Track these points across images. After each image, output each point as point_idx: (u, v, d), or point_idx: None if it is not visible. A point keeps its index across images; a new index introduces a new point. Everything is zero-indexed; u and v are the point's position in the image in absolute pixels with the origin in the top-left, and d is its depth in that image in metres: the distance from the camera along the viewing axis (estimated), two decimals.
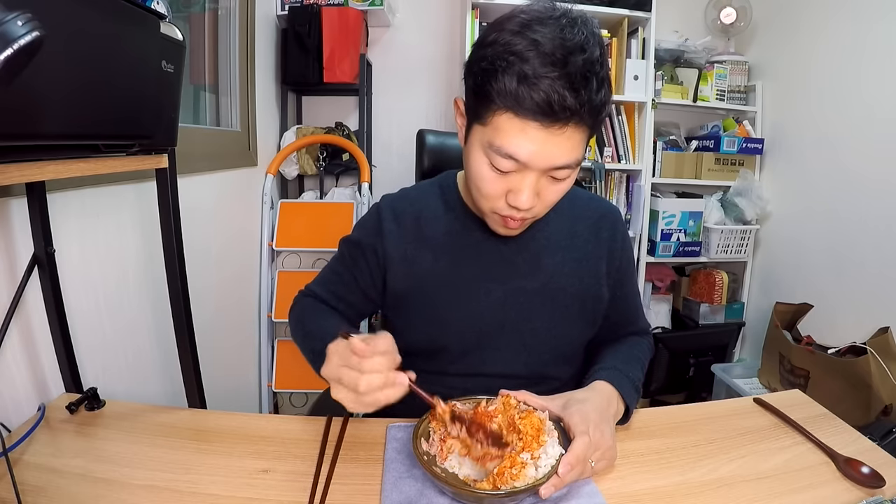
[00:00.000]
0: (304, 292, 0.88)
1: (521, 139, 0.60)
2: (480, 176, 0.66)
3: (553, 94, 0.57)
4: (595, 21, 0.64)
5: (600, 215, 0.85)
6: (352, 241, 0.84)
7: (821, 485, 0.62)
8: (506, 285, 0.78)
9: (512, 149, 0.61)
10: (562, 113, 0.58)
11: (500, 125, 0.61)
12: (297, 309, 0.85)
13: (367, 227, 0.83)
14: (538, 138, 0.60)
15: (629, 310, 0.89)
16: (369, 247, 0.81)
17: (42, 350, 0.81)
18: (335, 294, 0.85)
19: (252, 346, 1.80)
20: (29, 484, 0.59)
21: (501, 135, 0.61)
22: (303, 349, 0.79)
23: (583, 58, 0.58)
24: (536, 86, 0.57)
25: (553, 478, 0.55)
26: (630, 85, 2.07)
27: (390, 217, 0.81)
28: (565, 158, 0.62)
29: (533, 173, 0.63)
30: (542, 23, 0.60)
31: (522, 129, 0.60)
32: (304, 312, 0.84)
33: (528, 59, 0.57)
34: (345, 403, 0.56)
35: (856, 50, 1.78)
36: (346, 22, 1.92)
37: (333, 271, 0.87)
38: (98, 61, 0.61)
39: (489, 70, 0.60)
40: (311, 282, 0.89)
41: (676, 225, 2.20)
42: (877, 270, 1.69)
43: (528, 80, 0.57)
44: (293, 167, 2.04)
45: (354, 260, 0.83)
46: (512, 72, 0.58)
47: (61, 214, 0.82)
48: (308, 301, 0.86)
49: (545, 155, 0.61)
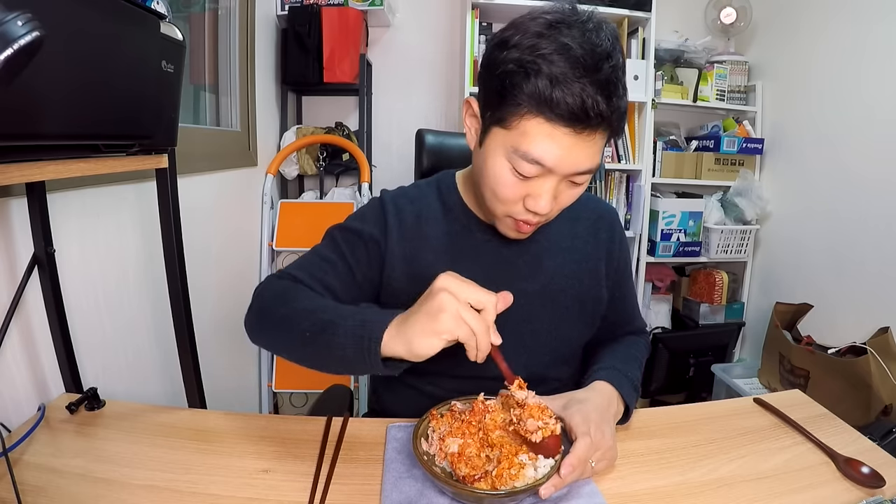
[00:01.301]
0: (277, 276, 0.74)
1: (550, 144, 0.59)
2: (499, 181, 0.65)
3: (587, 99, 0.56)
4: (614, 26, 0.64)
5: (598, 216, 0.85)
6: (350, 230, 0.78)
7: (821, 485, 0.62)
8: (506, 287, 0.77)
9: (539, 154, 0.60)
10: (595, 119, 0.58)
11: (528, 129, 0.60)
12: (272, 289, 0.70)
13: (369, 219, 0.79)
14: (566, 144, 0.59)
15: (626, 310, 0.89)
16: (371, 238, 0.77)
17: (42, 350, 0.81)
18: (321, 282, 0.73)
19: (252, 346, 1.79)
20: (29, 484, 0.59)
21: (529, 139, 0.60)
22: (285, 331, 0.64)
23: (611, 64, 0.58)
24: (570, 90, 0.56)
25: (554, 478, 0.55)
26: (630, 85, 2.02)
27: (393, 212, 0.78)
28: (589, 164, 0.62)
29: (555, 178, 0.62)
30: (568, 25, 0.59)
31: (551, 135, 0.59)
32: (286, 292, 0.69)
33: (559, 63, 0.57)
34: (461, 332, 0.52)
35: (856, 50, 1.78)
36: (346, 22, 1.92)
37: (323, 259, 0.76)
38: (98, 61, 0.61)
39: (516, 72, 0.59)
40: (286, 267, 0.76)
41: (676, 225, 2.20)
42: (877, 270, 1.69)
43: (560, 84, 0.56)
44: (293, 167, 2.04)
45: (353, 249, 0.77)
46: (542, 75, 0.57)
47: (61, 214, 0.82)
48: (287, 283, 0.71)
49: (571, 160, 0.60)
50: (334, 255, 0.76)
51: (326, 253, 0.77)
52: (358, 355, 0.55)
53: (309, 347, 0.61)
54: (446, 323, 0.51)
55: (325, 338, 0.58)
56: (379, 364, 0.54)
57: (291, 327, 0.62)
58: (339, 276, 0.75)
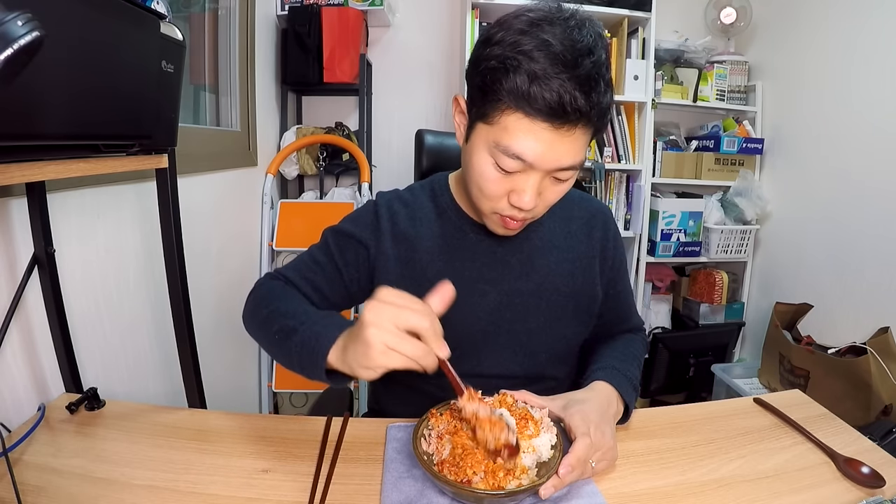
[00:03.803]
0: (270, 275, 0.80)
1: (530, 139, 0.60)
2: (483, 176, 0.65)
3: (565, 94, 0.57)
4: (600, 24, 0.64)
5: (591, 214, 0.85)
6: (342, 232, 0.81)
7: (821, 485, 0.62)
8: (501, 286, 0.78)
9: (519, 149, 0.60)
10: (573, 114, 0.58)
11: (509, 125, 0.60)
12: (260, 290, 0.76)
13: (361, 222, 0.81)
14: (546, 139, 0.60)
15: (623, 308, 0.89)
16: (361, 241, 0.79)
17: (42, 350, 0.81)
18: (311, 283, 0.78)
19: (252, 346, 1.80)
20: (29, 484, 0.59)
21: (509, 135, 0.60)
22: (263, 332, 0.68)
23: (591, 60, 0.58)
24: (548, 86, 0.57)
25: (553, 478, 0.55)
26: (630, 85, 2.07)
27: (387, 216, 0.80)
28: (571, 159, 0.62)
29: (537, 174, 0.63)
30: (550, 23, 0.60)
31: (531, 130, 0.59)
32: (270, 293, 0.74)
33: (538, 59, 0.57)
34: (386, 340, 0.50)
35: (856, 50, 1.78)
36: (346, 22, 1.92)
37: (313, 260, 0.80)
38: (98, 61, 0.61)
39: (497, 68, 0.59)
40: (282, 267, 0.81)
41: (676, 225, 2.20)
42: (877, 270, 1.69)
43: (539, 79, 0.57)
44: (293, 167, 2.04)
45: (342, 251, 0.79)
46: (522, 71, 0.58)
47: (61, 214, 0.82)
48: (277, 284, 0.77)
49: (552, 156, 0.61)
50: (325, 258, 0.80)
51: (318, 254, 0.80)
52: (308, 366, 0.59)
53: (276, 349, 0.66)
54: (376, 359, 0.50)
55: (287, 344, 0.62)
56: (324, 378, 0.57)
57: (269, 328, 0.67)
58: (328, 278, 0.78)
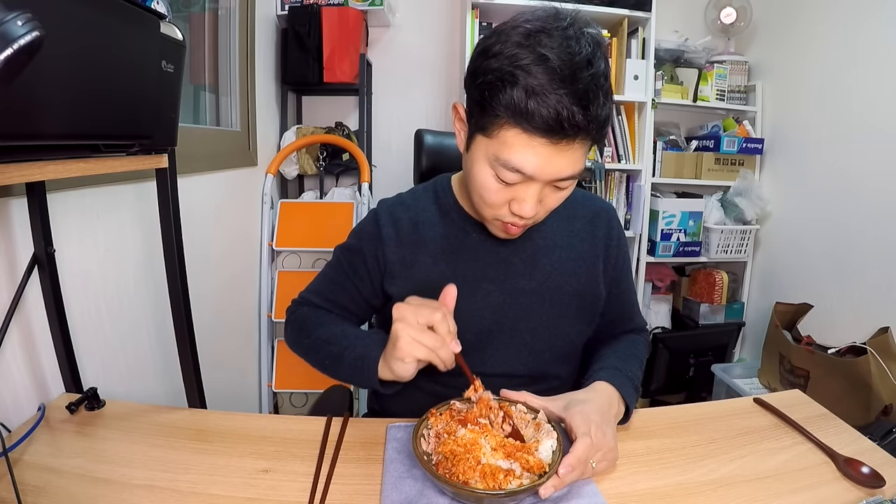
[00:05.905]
0: (298, 301, 0.87)
1: (529, 154, 0.60)
2: (484, 187, 0.66)
3: (563, 110, 0.57)
4: (598, 29, 0.64)
5: (595, 213, 0.85)
6: (350, 249, 0.84)
7: (821, 485, 0.62)
8: (504, 286, 0.78)
9: (519, 163, 0.61)
10: (571, 129, 0.58)
11: (508, 139, 0.60)
12: (296, 319, 0.84)
13: (365, 234, 0.83)
14: (545, 153, 0.60)
15: (626, 307, 0.89)
16: (370, 253, 0.81)
17: (42, 350, 0.81)
18: (335, 303, 0.84)
19: (252, 346, 1.80)
20: (29, 484, 0.59)
21: (508, 149, 0.61)
22: (312, 357, 0.78)
23: (590, 73, 0.58)
24: (545, 102, 0.57)
25: (553, 478, 0.55)
26: (630, 85, 2.07)
27: (389, 223, 0.81)
28: (570, 170, 0.63)
29: (537, 184, 0.63)
30: (548, 34, 0.59)
31: (530, 145, 0.60)
32: (306, 321, 0.82)
33: (536, 74, 0.57)
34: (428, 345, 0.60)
35: (856, 50, 1.78)
36: (346, 22, 1.92)
37: (331, 280, 0.85)
38: (98, 61, 0.61)
39: (495, 84, 0.59)
40: (304, 290, 0.87)
41: (676, 225, 2.20)
42: (877, 270, 1.69)
43: (537, 96, 0.57)
44: (293, 167, 2.04)
45: (354, 268, 0.82)
46: (519, 87, 0.57)
47: (61, 214, 0.82)
48: (306, 310, 0.84)
49: (551, 168, 0.61)
50: (341, 277, 0.84)
51: (333, 275, 0.86)
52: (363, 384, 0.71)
53: (330, 372, 0.76)
54: (404, 349, 0.60)
55: (339, 367, 0.73)
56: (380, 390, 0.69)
57: (316, 355, 0.78)
58: (349, 295, 0.84)
